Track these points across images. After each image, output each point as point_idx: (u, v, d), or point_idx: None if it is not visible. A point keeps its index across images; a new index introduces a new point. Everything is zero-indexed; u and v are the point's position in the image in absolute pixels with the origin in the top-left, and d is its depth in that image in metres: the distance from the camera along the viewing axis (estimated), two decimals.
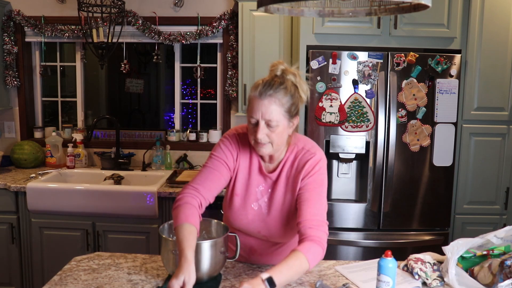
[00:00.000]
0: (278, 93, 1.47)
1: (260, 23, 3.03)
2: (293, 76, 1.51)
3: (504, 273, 1.43)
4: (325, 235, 1.48)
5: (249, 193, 1.62)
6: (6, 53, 3.43)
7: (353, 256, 2.84)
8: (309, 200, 1.51)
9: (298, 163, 1.58)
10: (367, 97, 2.73)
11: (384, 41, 2.78)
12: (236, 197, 1.63)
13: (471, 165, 2.91)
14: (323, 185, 1.57)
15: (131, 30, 3.41)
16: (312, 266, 1.41)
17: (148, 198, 2.81)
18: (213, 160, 1.61)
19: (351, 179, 2.91)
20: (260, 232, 1.63)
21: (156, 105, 5.70)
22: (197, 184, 1.57)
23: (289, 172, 1.60)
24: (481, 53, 2.82)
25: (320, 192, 1.55)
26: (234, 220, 1.65)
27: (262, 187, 1.62)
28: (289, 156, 1.60)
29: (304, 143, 1.62)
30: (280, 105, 1.47)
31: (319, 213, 1.50)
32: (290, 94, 1.49)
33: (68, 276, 1.55)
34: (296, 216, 1.55)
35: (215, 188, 1.59)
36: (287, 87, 1.48)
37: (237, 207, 1.63)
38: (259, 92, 1.47)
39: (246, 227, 1.65)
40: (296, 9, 1.45)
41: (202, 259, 1.45)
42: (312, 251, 1.41)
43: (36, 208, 2.89)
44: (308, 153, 1.58)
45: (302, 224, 1.47)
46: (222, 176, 1.60)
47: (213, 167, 1.60)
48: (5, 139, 3.62)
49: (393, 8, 1.36)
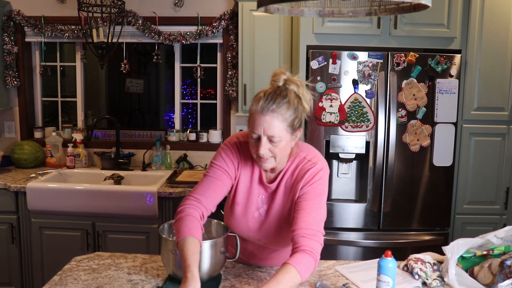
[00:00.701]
0: (280, 108, 1.41)
1: (260, 23, 3.03)
2: (296, 87, 1.45)
3: (504, 273, 1.43)
4: (319, 245, 1.43)
5: (250, 202, 1.61)
6: (6, 53, 3.43)
7: (353, 256, 2.84)
8: (306, 209, 1.47)
9: (299, 173, 1.54)
10: (367, 97, 2.73)
11: (384, 41, 2.78)
12: (237, 206, 1.62)
13: (471, 165, 2.91)
14: (323, 194, 1.53)
15: (131, 30, 3.41)
16: (304, 278, 1.37)
17: (148, 198, 2.81)
18: (214, 169, 1.59)
19: (351, 179, 2.91)
20: (260, 239, 1.63)
21: (156, 105, 5.71)
22: (199, 194, 1.54)
23: (288, 181, 1.57)
24: (481, 53, 2.82)
25: (318, 201, 1.50)
26: (234, 228, 1.64)
27: (263, 196, 1.61)
28: (290, 165, 1.57)
29: (307, 152, 1.58)
30: (282, 120, 1.42)
31: (314, 223, 1.45)
32: (293, 108, 1.43)
33: (68, 276, 1.55)
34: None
35: (217, 197, 1.56)
36: (290, 101, 1.42)
37: (238, 215, 1.62)
38: (261, 107, 1.41)
39: (246, 235, 1.64)
40: (296, 9, 1.44)
41: (202, 259, 1.45)
42: (304, 263, 1.37)
43: (36, 208, 2.89)
44: (309, 163, 1.55)
45: (296, 232, 1.43)
46: (224, 185, 1.57)
47: (214, 176, 1.57)
48: (5, 139, 3.62)
49: (393, 8, 1.36)
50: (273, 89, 1.45)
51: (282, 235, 1.60)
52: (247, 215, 1.61)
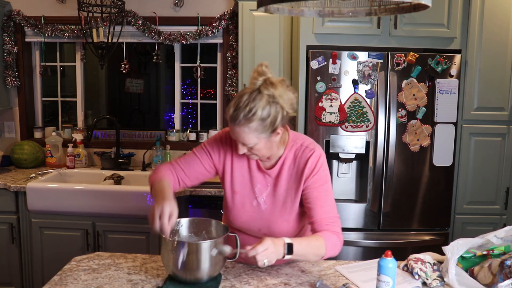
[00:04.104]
0: (248, 120, 1.41)
1: (260, 23, 3.03)
2: (273, 89, 1.42)
3: (504, 273, 1.43)
4: (340, 229, 1.55)
5: (249, 191, 1.64)
6: (6, 53, 3.43)
7: (353, 256, 2.84)
8: (319, 198, 1.54)
9: (300, 161, 1.58)
10: (367, 97, 2.73)
11: (384, 41, 2.78)
12: (236, 195, 1.64)
13: (471, 165, 2.91)
14: (328, 180, 1.59)
15: (131, 30, 3.41)
16: (328, 254, 1.48)
17: (148, 198, 2.81)
18: (201, 150, 1.66)
19: (351, 179, 2.91)
20: (260, 230, 1.64)
21: (156, 105, 5.71)
22: (178, 165, 1.65)
23: (291, 169, 1.59)
24: (481, 53, 2.82)
25: (327, 188, 1.57)
26: (234, 219, 1.66)
27: (261, 184, 1.63)
28: (288, 153, 1.60)
29: (303, 140, 1.62)
30: (253, 131, 1.43)
31: (331, 210, 1.55)
32: (264, 115, 1.41)
33: (68, 276, 1.55)
34: (297, 215, 1.58)
35: (194, 175, 1.65)
36: (257, 112, 1.40)
37: (237, 204, 1.64)
38: (231, 117, 1.44)
39: (246, 225, 1.65)
40: (296, 9, 1.45)
41: (202, 259, 1.45)
42: (332, 240, 1.49)
43: (36, 208, 2.89)
44: (307, 149, 1.58)
45: (317, 223, 1.52)
46: (204, 168, 1.64)
47: (198, 155, 1.65)
48: (5, 139, 3.62)
49: (393, 8, 1.36)
50: (245, 95, 1.44)
51: (284, 224, 1.62)
52: (246, 204, 1.63)
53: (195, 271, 1.46)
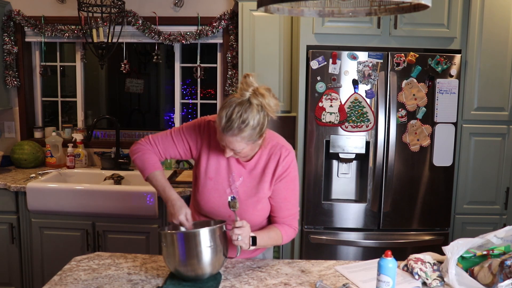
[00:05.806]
0: (241, 131, 1.50)
1: (260, 23, 3.03)
2: (261, 98, 1.51)
3: (504, 273, 1.43)
4: (297, 222, 1.78)
5: (223, 178, 1.70)
6: (6, 53, 3.43)
7: (353, 256, 2.84)
8: (287, 199, 1.71)
9: (275, 158, 1.68)
10: (367, 97, 2.73)
11: (384, 41, 2.78)
12: (209, 181, 1.71)
13: (471, 165, 2.91)
14: (297, 179, 1.75)
15: (131, 30, 3.41)
16: (285, 243, 1.74)
17: (148, 198, 2.81)
18: (178, 132, 1.73)
19: (351, 179, 2.91)
20: (230, 216, 1.67)
21: (156, 105, 5.71)
22: (155, 141, 1.74)
23: (265, 164, 1.68)
24: (481, 53, 2.82)
25: (294, 187, 1.73)
26: (205, 204, 1.72)
27: (235, 173, 1.70)
28: (264, 149, 1.69)
29: (278, 138, 1.73)
30: (243, 139, 1.52)
31: (294, 207, 1.75)
32: (255, 125, 1.50)
33: (68, 276, 1.55)
34: (266, 205, 1.73)
35: (168, 152, 1.74)
36: (249, 123, 1.49)
37: (210, 190, 1.71)
38: (222, 127, 1.51)
39: (217, 211, 1.71)
40: (296, 9, 1.45)
41: (202, 247, 1.48)
42: (288, 234, 1.74)
43: (36, 208, 2.89)
44: (283, 148, 1.69)
45: (280, 220, 1.73)
46: (177, 150, 1.73)
47: (174, 137, 1.73)
48: (5, 139, 3.62)
49: (393, 8, 1.36)
50: (237, 107, 1.50)
51: (253, 213, 1.71)
52: (219, 190, 1.70)
53: (195, 265, 1.48)
